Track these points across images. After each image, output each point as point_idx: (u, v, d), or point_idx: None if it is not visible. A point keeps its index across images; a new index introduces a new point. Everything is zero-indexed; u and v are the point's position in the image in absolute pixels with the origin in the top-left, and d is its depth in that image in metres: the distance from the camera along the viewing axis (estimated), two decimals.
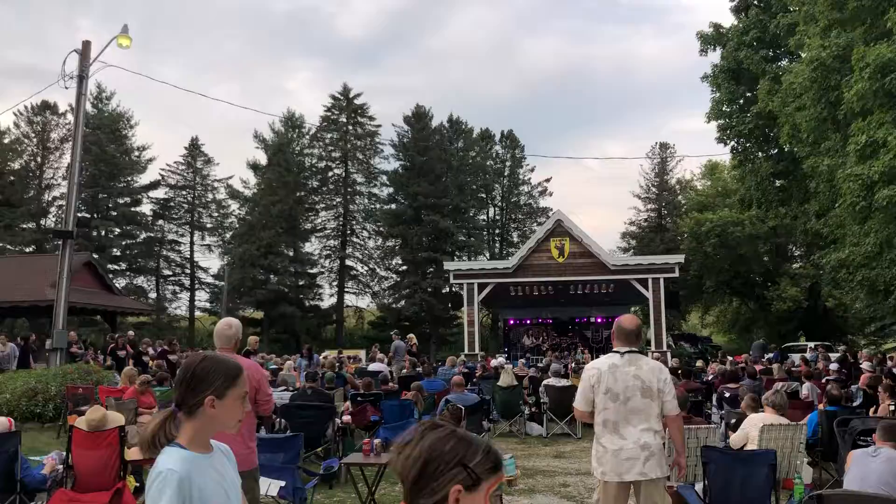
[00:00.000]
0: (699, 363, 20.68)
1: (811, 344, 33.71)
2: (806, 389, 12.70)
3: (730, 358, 24.66)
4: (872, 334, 41.81)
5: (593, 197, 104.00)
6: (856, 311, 43.30)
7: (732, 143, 23.08)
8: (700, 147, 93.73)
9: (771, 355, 25.37)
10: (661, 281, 26.38)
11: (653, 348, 26.39)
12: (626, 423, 4.53)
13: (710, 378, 15.20)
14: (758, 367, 17.76)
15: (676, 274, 27.15)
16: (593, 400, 4.67)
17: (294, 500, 5.78)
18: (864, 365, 16.10)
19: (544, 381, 12.98)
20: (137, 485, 5.98)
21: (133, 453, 6.10)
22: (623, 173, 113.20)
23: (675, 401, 4.60)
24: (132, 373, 12.00)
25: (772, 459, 5.57)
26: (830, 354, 25.87)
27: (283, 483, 5.77)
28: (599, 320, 34.44)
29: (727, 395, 11.94)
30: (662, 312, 26.62)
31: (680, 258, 28.45)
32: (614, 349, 4.80)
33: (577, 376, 14.11)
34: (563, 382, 12.85)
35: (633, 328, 4.77)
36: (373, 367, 16.07)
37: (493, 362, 16.50)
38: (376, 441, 6.49)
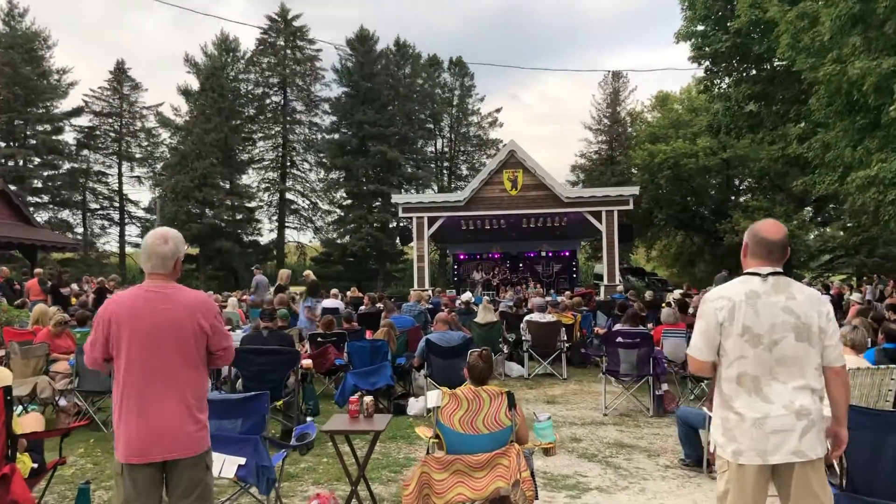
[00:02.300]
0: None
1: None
2: None
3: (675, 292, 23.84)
4: (821, 267, 42.01)
5: (534, 135, 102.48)
6: (803, 245, 43.70)
7: (707, 63, 21.64)
8: (649, 83, 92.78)
9: None
10: (615, 214, 25.79)
11: (605, 282, 25.68)
12: (773, 378, 3.03)
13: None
14: None
15: (631, 206, 26.55)
16: (720, 345, 3.15)
17: (259, 482, 4.20)
18: (854, 297, 15.20)
19: (526, 317, 11.59)
20: (35, 465, 4.28)
21: (29, 422, 4.39)
22: (566, 110, 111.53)
23: (840, 346, 3.11)
24: (44, 311, 10.09)
25: None
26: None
27: (242, 460, 4.18)
28: (550, 254, 33.67)
29: None
30: (616, 246, 26.00)
31: (634, 190, 27.88)
32: (749, 270, 3.29)
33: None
34: (547, 318, 11.50)
35: (778, 238, 3.26)
36: (327, 303, 14.41)
37: (463, 297, 15.06)
38: (367, 399, 4.93)
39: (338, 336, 9.96)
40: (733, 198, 43.34)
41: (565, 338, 11.63)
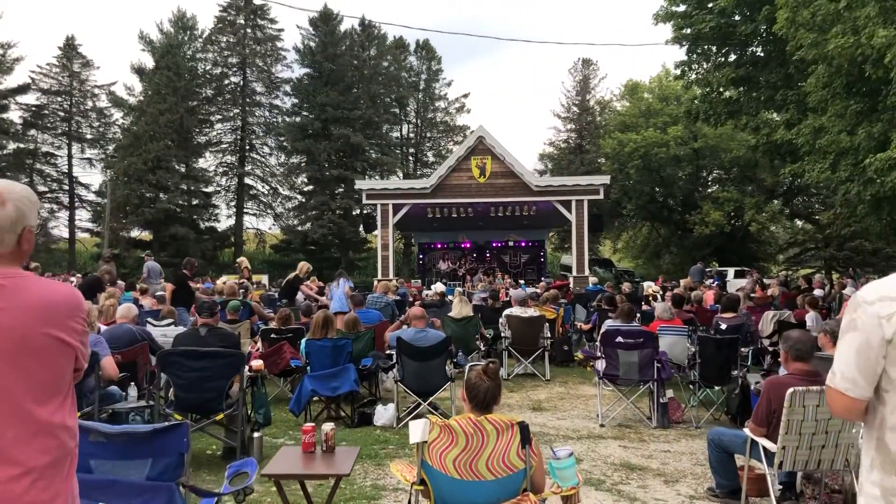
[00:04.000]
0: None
1: (731, 270, 32.94)
2: (811, 321, 10.68)
3: (648, 284, 23.03)
4: (789, 260, 41.68)
5: (503, 122, 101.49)
6: (771, 237, 43.39)
7: (688, 45, 20.64)
8: (620, 71, 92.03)
9: (711, 280, 23.89)
10: (585, 203, 25.16)
11: (574, 273, 24.91)
12: None
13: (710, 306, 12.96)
14: (709, 294, 15.98)
15: (601, 196, 25.92)
16: (882, 372, 2.01)
17: None
18: (847, 291, 14.35)
19: (506, 311, 10.46)
20: None
21: None
22: (534, 98, 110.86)
23: None
24: None
25: None
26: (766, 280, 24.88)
27: None
28: (521, 243, 32.81)
29: (723, 326, 9.75)
30: (585, 236, 25.31)
31: (605, 179, 27.39)
32: None
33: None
34: (529, 312, 10.37)
35: None
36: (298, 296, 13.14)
37: (435, 288, 13.86)
38: (326, 428, 3.71)
39: (294, 332, 8.72)
40: (701, 189, 42.81)
41: (548, 334, 10.54)
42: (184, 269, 12.55)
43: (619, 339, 7.58)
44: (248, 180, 47.66)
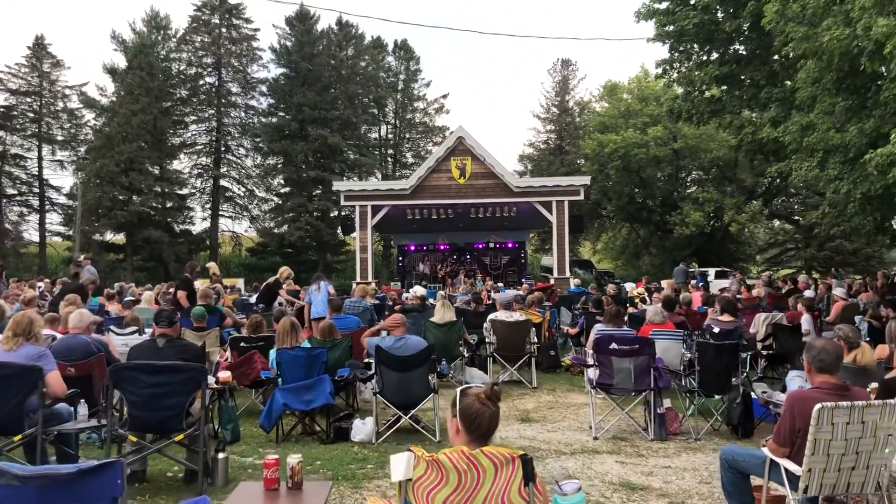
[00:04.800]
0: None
1: (712, 270, 32.72)
2: (806, 324, 10.28)
3: (628, 285, 22.71)
4: (768, 261, 41.62)
5: (482, 122, 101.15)
6: (751, 238, 43.35)
7: (671, 42, 20.30)
8: (600, 71, 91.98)
9: (695, 281, 23.57)
10: (566, 204, 24.97)
11: (555, 275, 24.62)
12: None
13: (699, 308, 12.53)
14: (696, 295, 15.58)
15: (582, 197, 25.90)
16: None
17: None
18: (838, 292, 14.00)
19: (490, 316, 9.96)
20: None
21: None
22: (513, 99, 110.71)
23: None
24: None
25: None
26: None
27: None
28: (502, 245, 32.44)
29: (716, 330, 9.32)
30: (566, 237, 25.12)
31: (586, 180, 27.44)
32: None
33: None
34: (515, 316, 9.88)
35: None
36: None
37: (414, 291, 13.32)
38: (292, 461, 3.18)
39: (266, 340, 8.17)
40: (681, 189, 42.70)
41: (535, 339, 10.07)
42: (186, 273, 12.36)
43: (614, 345, 7.11)
44: (223, 182, 46.78)
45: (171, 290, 16.92)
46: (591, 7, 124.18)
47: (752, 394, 6.99)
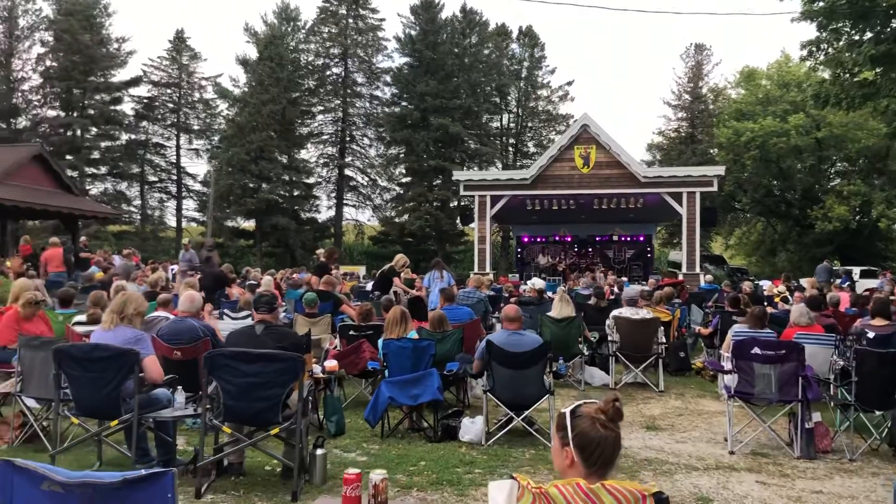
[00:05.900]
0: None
1: (857, 269, 30.15)
2: None
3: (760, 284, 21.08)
4: None
5: (608, 111, 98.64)
6: None
7: (819, 20, 18.63)
8: (735, 57, 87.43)
9: (840, 280, 21.71)
10: (697, 195, 23.38)
11: (684, 270, 23.22)
12: None
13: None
14: (844, 296, 14.11)
15: (715, 188, 24.20)
16: None
17: None
18: None
19: (614, 312, 9.23)
20: None
21: None
22: (642, 86, 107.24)
23: None
24: (23, 286, 8.07)
25: None
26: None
27: None
28: (628, 238, 31.14)
29: (870, 335, 8.18)
30: (697, 231, 23.54)
31: (720, 170, 25.46)
32: None
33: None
34: (642, 314, 9.11)
35: None
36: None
37: (532, 284, 12.70)
38: (375, 478, 2.71)
39: (375, 329, 7.81)
40: (823, 182, 39.77)
41: (663, 339, 9.26)
42: (323, 259, 12.45)
43: (756, 349, 6.27)
44: (347, 171, 47.65)
45: (294, 275, 17.14)
46: None
47: None
